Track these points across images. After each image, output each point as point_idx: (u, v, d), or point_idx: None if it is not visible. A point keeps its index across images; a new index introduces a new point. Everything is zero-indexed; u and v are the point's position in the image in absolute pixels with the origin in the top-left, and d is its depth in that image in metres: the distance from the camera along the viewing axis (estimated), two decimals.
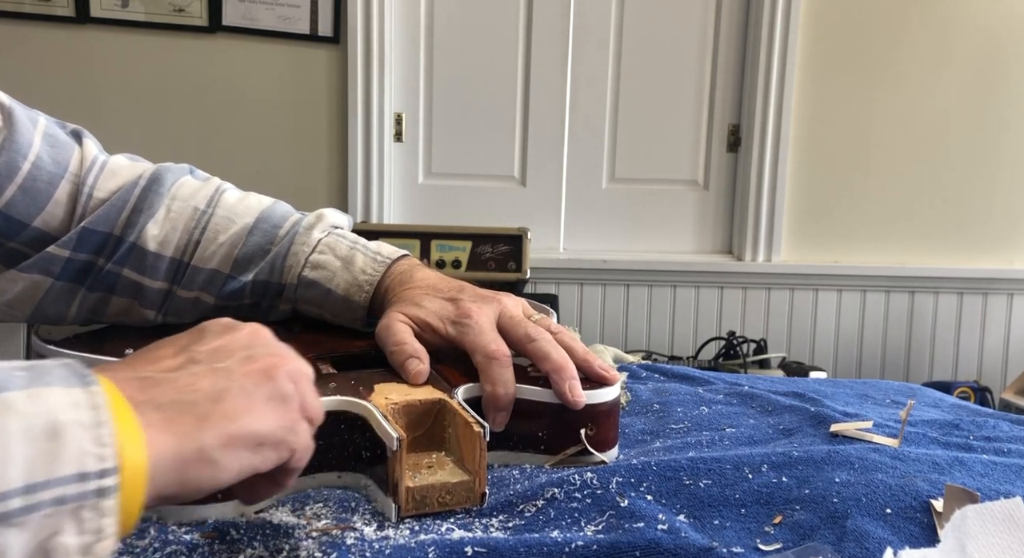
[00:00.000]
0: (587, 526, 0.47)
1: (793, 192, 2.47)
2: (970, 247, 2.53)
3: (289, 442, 0.41)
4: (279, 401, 0.41)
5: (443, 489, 0.49)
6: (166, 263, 0.69)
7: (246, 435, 0.39)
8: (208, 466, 0.37)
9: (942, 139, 2.48)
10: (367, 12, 2.28)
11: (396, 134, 2.40)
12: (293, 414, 0.41)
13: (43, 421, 0.32)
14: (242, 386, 0.40)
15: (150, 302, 0.70)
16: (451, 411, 0.53)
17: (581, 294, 2.43)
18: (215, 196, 0.72)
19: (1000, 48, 2.46)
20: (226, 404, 0.39)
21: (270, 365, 0.42)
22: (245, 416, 0.39)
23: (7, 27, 2.20)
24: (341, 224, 0.76)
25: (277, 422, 0.40)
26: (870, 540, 0.46)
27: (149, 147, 2.25)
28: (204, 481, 0.37)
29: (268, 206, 0.74)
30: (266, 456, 0.40)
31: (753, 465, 0.54)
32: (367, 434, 0.51)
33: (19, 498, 0.30)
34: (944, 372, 2.55)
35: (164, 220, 0.69)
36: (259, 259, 0.71)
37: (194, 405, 0.38)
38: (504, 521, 0.49)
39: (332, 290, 0.70)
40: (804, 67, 2.41)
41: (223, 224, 0.71)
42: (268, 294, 0.71)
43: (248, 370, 0.41)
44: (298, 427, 0.42)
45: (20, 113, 0.67)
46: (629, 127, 2.47)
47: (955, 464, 0.56)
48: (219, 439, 0.37)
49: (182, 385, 0.38)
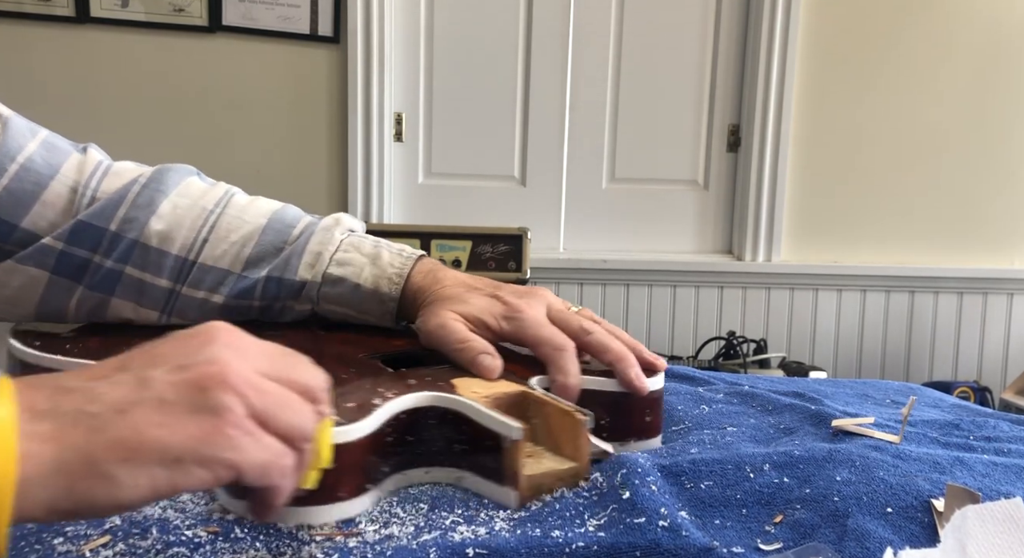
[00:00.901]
0: (590, 520, 0.47)
1: (793, 192, 2.47)
2: (970, 247, 2.53)
3: (224, 459, 0.37)
4: (208, 414, 0.37)
5: (556, 476, 0.51)
6: (171, 260, 0.68)
7: (153, 450, 0.35)
8: (102, 481, 0.35)
9: (942, 139, 2.48)
10: (367, 12, 2.28)
11: (396, 134, 2.40)
12: (228, 429, 0.37)
13: None
14: (160, 396, 0.37)
15: (154, 302, 0.68)
16: (538, 402, 0.55)
17: (581, 294, 2.44)
18: (224, 198, 0.72)
19: (1000, 48, 2.46)
20: (134, 416, 0.36)
21: (203, 375, 0.38)
22: (154, 429, 0.36)
23: (7, 27, 2.20)
24: (356, 229, 0.75)
25: (200, 437, 0.37)
26: (871, 539, 0.46)
27: (149, 147, 2.25)
28: (99, 497, 0.35)
29: (280, 208, 0.74)
30: (192, 474, 0.36)
31: (755, 464, 0.54)
32: (462, 428, 0.52)
33: None
34: (944, 372, 2.55)
35: (169, 217, 0.68)
36: (272, 258, 0.69)
37: (94, 416, 0.35)
38: (510, 514, 0.49)
39: (361, 284, 0.69)
40: (804, 67, 2.41)
41: (234, 224, 0.70)
42: (282, 293, 0.70)
43: (175, 380, 0.37)
44: (238, 442, 0.38)
45: (18, 122, 0.67)
46: (629, 127, 2.47)
47: (956, 464, 0.56)
48: (116, 453, 0.35)
49: (92, 394, 0.36)
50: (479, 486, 0.52)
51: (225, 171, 2.45)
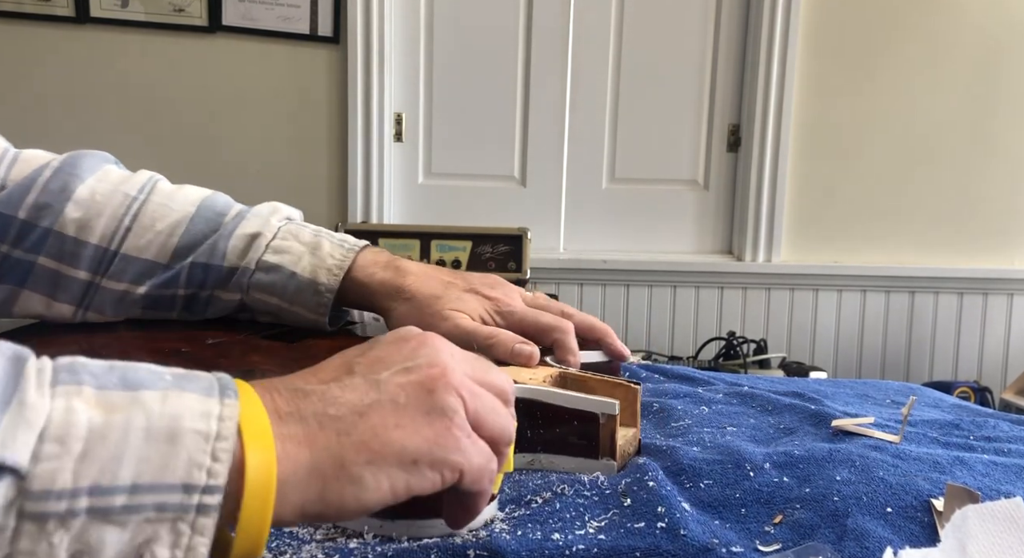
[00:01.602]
0: (590, 522, 0.47)
1: (793, 192, 2.47)
2: (970, 247, 2.53)
3: (453, 462, 0.37)
4: (438, 415, 0.37)
5: (629, 442, 0.57)
6: (90, 251, 0.63)
7: (393, 452, 0.35)
8: (351, 484, 0.35)
9: (942, 139, 2.48)
10: (367, 12, 2.28)
11: (396, 134, 2.40)
12: (455, 431, 0.37)
13: (166, 424, 0.31)
14: (393, 399, 0.37)
15: (70, 296, 0.64)
16: (578, 379, 0.60)
17: (581, 294, 2.44)
18: (148, 184, 0.67)
19: (999, 49, 2.46)
20: (372, 418, 0.36)
21: (429, 377, 0.38)
22: (393, 431, 0.36)
23: (7, 27, 2.20)
24: (295, 217, 0.71)
25: (433, 439, 0.37)
26: (870, 539, 0.46)
27: (148, 147, 2.25)
28: (348, 500, 0.35)
29: (209, 195, 0.69)
30: (425, 476, 0.36)
31: (755, 464, 0.54)
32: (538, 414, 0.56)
33: (124, 496, 0.29)
34: (944, 372, 2.55)
35: (87, 203, 0.63)
36: (200, 247, 0.65)
37: (338, 419, 0.35)
38: (511, 512, 0.49)
39: (297, 273, 0.65)
40: (804, 67, 2.41)
41: (160, 211, 0.65)
42: (208, 282, 0.66)
43: (403, 381, 0.38)
44: (463, 445, 0.37)
45: None
46: (629, 127, 2.47)
47: (956, 463, 0.56)
48: (362, 455, 0.35)
49: (329, 397, 0.36)
50: (565, 464, 0.55)
51: (225, 171, 2.45)
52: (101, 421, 0.30)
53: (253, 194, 0.74)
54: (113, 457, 0.30)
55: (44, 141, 0.70)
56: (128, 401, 0.31)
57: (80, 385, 0.31)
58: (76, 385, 0.31)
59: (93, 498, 0.29)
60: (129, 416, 0.30)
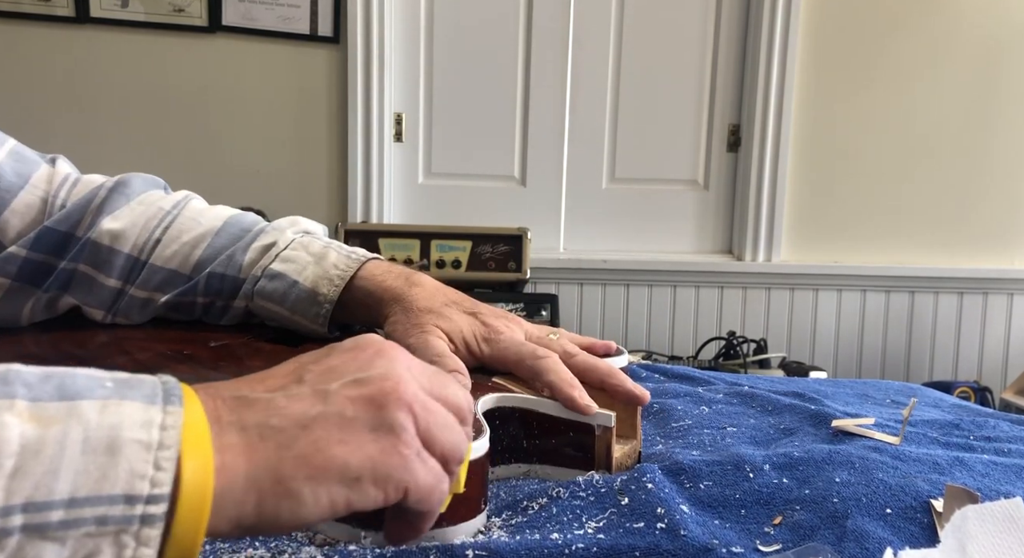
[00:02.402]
0: (588, 522, 0.47)
1: (793, 192, 2.47)
2: (970, 247, 2.53)
3: (397, 480, 0.36)
4: (385, 432, 0.36)
5: (627, 454, 0.56)
6: (122, 259, 0.66)
7: (335, 468, 0.35)
8: (288, 499, 0.34)
9: (942, 139, 2.48)
10: (367, 12, 2.28)
11: (396, 134, 2.40)
12: (402, 448, 0.36)
13: (105, 434, 0.30)
14: (340, 412, 0.36)
15: (100, 301, 0.67)
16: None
17: (581, 294, 2.44)
18: (183, 201, 0.70)
19: (998, 49, 2.46)
20: (316, 432, 0.35)
21: (380, 390, 0.37)
22: (336, 446, 0.35)
23: (7, 27, 2.20)
24: (315, 231, 0.73)
25: (378, 456, 0.36)
26: (870, 540, 0.46)
27: (149, 147, 2.25)
28: (284, 514, 0.34)
29: (237, 213, 0.71)
30: (367, 493, 0.35)
31: (755, 465, 0.54)
32: (533, 425, 0.56)
33: (60, 511, 0.29)
34: (944, 372, 2.55)
35: (124, 216, 0.67)
36: (219, 258, 0.67)
37: (280, 430, 0.34)
38: (507, 519, 0.49)
39: (299, 282, 0.65)
40: (804, 67, 2.41)
41: (188, 225, 0.68)
42: (224, 291, 0.68)
43: (353, 395, 0.37)
44: (410, 463, 0.37)
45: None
46: (629, 127, 2.47)
47: (956, 464, 0.56)
48: (301, 470, 0.34)
49: (273, 407, 0.35)
50: (560, 475, 0.55)
51: (225, 171, 2.45)
52: (35, 435, 0.29)
53: (253, 194, 0.74)
54: (48, 471, 0.29)
55: (44, 141, 0.70)
56: (65, 412, 0.30)
57: (12, 399, 0.30)
58: (8, 399, 0.30)
59: (27, 515, 0.28)
60: (66, 428, 0.30)
